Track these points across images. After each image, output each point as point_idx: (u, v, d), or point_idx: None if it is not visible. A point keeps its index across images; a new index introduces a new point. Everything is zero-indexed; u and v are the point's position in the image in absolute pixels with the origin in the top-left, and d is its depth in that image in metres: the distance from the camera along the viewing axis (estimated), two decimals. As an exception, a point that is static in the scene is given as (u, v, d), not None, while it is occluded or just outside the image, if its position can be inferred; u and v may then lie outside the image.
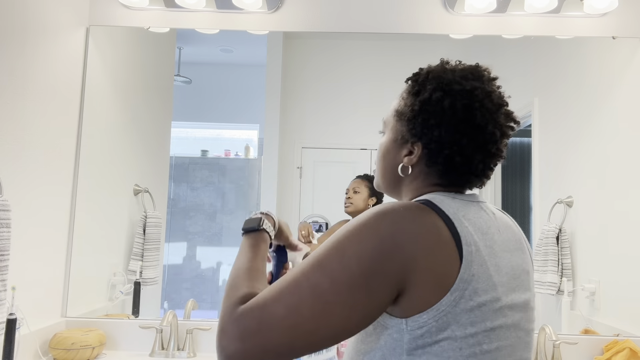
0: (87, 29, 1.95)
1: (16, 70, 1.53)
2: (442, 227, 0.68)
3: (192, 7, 1.94)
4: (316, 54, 1.97)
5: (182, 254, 1.91)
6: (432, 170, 0.80)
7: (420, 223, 0.68)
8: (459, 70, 0.80)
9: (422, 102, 0.79)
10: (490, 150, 0.78)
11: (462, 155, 0.77)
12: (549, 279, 1.81)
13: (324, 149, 1.94)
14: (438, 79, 0.79)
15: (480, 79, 0.79)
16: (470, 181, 0.81)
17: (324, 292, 0.65)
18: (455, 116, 0.76)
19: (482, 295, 0.68)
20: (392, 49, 1.96)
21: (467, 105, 0.76)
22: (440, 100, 0.77)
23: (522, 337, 0.73)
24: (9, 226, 1.31)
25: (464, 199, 0.77)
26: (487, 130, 0.77)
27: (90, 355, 1.66)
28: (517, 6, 1.92)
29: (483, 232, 0.72)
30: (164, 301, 1.90)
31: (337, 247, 0.67)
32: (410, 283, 0.66)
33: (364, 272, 0.65)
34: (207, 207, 1.93)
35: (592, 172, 1.85)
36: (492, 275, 0.69)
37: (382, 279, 0.65)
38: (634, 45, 1.90)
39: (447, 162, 0.78)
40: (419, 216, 0.68)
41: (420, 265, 0.66)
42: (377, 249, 0.65)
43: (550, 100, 1.89)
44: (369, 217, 0.69)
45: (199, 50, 1.98)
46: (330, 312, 0.64)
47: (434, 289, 0.66)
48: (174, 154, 1.94)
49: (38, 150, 1.65)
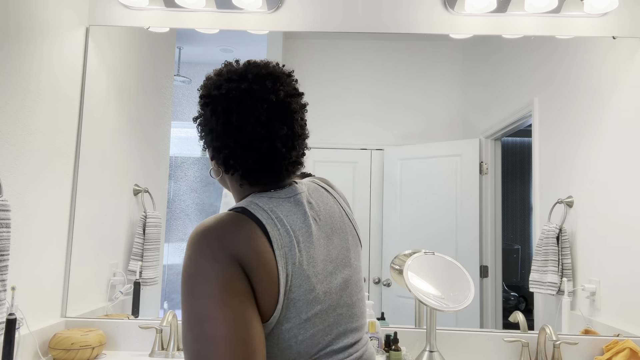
0: (86, 29, 1.95)
1: (16, 70, 1.53)
2: (259, 231, 0.73)
3: (192, 7, 1.94)
4: (316, 54, 1.97)
5: (182, 254, 1.91)
6: (235, 175, 0.84)
7: (241, 232, 0.72)
8: (225, 73, 0.83)
9: (199, 110, 0.85)
10: (261, 147, 0.79)
11: (235, 158, 0.80)
12: (549, 279, 1.81)
13: (324, 149, 1.94)
14: (204, 87, 0.84)
15: (244, 79, 0.81)
16: (271, 178, 0.82)
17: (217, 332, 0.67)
18: (218, 121, 0.80)
19: (296, 291, 0.73)
20: (392, 49, 1.96)
21: (225, 108, 0.79)
22: (204, 108, 0.82)
23: (343, 313, 0.80)
24: (9, 226, 1.31)
25: (280, 196, 0.81)
26: (246, 130, 0.78)
27: (90, 355, 1.66)
28: (517, 6, 1.92)
29: (295, 229, 0.76)
30: (164, 301, 1.90)
31: (187, 292, 0.70)
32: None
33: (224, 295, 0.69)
34: (207, 207, 1.93)
35: (593, 172, 1.85)
36: (306, 269, 0.75)
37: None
38: (634, 45, 1.89)
39: (226, 164, 0.81)
40: (238, 226, 0.73)
41: (255, 274, 0.71)
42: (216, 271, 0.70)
43: (550, 100, 1.89)
44: (193, 250, 0.72)
45: (199, 50, 1.98)
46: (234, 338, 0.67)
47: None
48: (174, 154, 1.94)
49: (38, 150, 1.65)
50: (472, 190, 1.88)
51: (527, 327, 1.82)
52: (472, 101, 1.91)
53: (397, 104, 1.94)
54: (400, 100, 1.94)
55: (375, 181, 1.92)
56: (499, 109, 1.90)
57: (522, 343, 1.70)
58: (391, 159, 1.92)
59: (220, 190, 1.93)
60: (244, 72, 0.82)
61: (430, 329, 1.63)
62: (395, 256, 1.83)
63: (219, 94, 0.80)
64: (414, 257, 1.66)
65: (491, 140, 1.90)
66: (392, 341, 1.64)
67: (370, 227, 1.91)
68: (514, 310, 1.83)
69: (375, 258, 1.89)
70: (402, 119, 1.93)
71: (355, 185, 1.92)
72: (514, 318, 1.83)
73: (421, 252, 1.68)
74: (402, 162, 1.92)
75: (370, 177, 1.92)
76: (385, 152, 1.92)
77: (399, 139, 1.92)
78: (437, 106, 1.92)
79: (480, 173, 1.89)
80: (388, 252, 1.89)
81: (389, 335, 1.66)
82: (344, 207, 0.90)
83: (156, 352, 1.74)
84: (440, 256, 1.69)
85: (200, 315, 0.68)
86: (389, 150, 1.92)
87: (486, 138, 1.90)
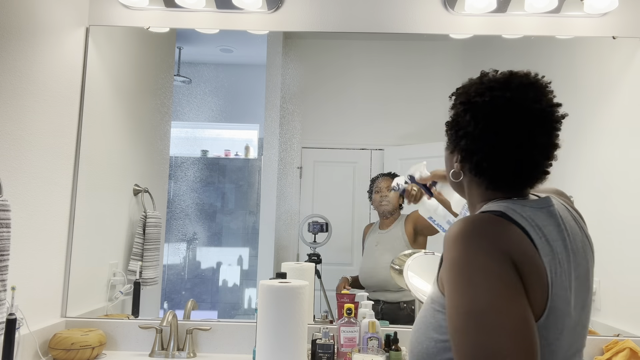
0: (86, 28, 1.95)
1: (16, 70, 1.53)
2: (524, 236, 0.74)
3: (192, 7, 1.94)
4: (316, 54, 1.97)
5: (181, 254, 1.91)
6: (482, 179, 0.87)
7: (510, 234, 0.74)
8: (486, 81, 0.86)
9: (452, 116, 0.90)
10: (518, 154, 0.82)
11: (489, 162, 0.83)
12: (549, 279, 1.81)
13: (324, 149, 1.94)
14: (463, 94, 0.89)
15: (507, 87, 0.84)
16: (519, 185, 0.85)
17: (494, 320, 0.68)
18: (477, 126, 0.83)
19: (556, 300, 0.74)
20: (392, 49, 1.96)
21: (487, 115, 0.83)
22: (463, 113, 0.86)
23: (580, 332, 0.81)
24: (9, 226, 1.31)
25: (533, 205, 0.81)
26: (505, 136, 0.81)
27: (90, 355, 1.66)
28: (517, 6, 1.92)
29: (552, 239, 0.77)
30: (164, 301, 1.90)
31: (464, 286, 0.72)
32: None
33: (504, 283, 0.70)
34: (207, 207, 1.93)
35: (592, 173, 1.85)
36: (563, 281, 0.75)
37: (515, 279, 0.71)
38: (634, 45, 1.89)
39: (478, 167, 0.84)
40: (505, 228, 0.74)
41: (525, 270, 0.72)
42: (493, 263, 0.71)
43: (550, 100, 1.89)
44: (464, 246, 0.73)
45: (199, 50, 1.98)
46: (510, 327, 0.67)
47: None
48: (174, 154, 1.94)
49: (38, 150, 1.65)
50: (472, 190, 1.88)
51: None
52: (472, 101, 1.91)
53: (397, 104, 1.94)
54: (400, 100, 1.94)
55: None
56: (499, 109, 1.90)
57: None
58: (391, 159, 1.92)
59: (220, 190, 1.93)
60: (507, 81, 0.85)
61: (430, 329, 1.62)
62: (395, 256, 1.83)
63: (481, 101, 0.84)
64: (414, 257, 1.66)
65: (491, 140, 1.90)
66: (392, 341, 1.64)
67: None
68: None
69: (375, 258, 1.89)
70: (402, 119, 1.93)
71: (355, 185, 1.92)
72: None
73: (421, 252, 1.68)
74: (402, 162, 1.92)
75: (370, 177, 1.92)
76: (385, 152, 1.92)
77: (399, 139, 1.92)
78: (437, 106, 1.92)
79: (480, 173, 1.89)
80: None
81: (389, 335, 1.66)
82: (582, 226, 0.90)
83: (156, 352, 1.74)
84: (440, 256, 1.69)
85: (481, 309, 0.68)
86: (389, 150, 1.92)
87: (486, 138, 1.90)
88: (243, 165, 1.95)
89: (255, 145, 1.96)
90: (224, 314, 1.88)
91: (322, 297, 1.87)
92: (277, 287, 1.45)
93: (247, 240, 1.91)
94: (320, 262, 1.89)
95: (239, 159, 1.96)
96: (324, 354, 1.58)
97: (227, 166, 1.95)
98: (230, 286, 1.90)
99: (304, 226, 1.91)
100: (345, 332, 1.63)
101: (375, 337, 1.61)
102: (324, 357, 1.58)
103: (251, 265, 1.91)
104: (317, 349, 1.59)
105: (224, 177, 1.94)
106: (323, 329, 1.64)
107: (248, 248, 1.91)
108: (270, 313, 1.44)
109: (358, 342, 1.63)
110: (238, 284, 1.90)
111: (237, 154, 1.96)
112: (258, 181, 1.94)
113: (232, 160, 1.96)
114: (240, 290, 1.90)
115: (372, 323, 1.62)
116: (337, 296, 1.77)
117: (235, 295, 1.90)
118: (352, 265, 1.90)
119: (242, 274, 1.91)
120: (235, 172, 1.95)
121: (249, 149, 1.96)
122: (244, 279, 1.91)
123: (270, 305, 1.44)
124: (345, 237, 1.91)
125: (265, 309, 1.45)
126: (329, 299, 1.87)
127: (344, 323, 1.64)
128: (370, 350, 1.55)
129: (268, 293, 1.45)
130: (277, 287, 1.45)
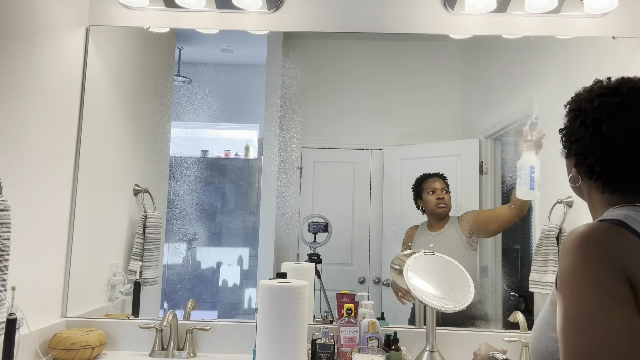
0: (87, 29, 1.95)
1: (16, 70, 1.53)
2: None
3: (192, 7, 1.94)
4: (316, 54, 1.97)
5: (181, 254, 1.91)
6: (598, 183, 0.89)
7: (626, 244, 0.75)
8: (596, 88, 0.91)
9: (566, 123, 0.95)
10: (630, 157, 0.83)
11: (601, 165, 0.85)
12: (549, 278, 1.81)
13: (324, 149, 1.94)
14: (574, 102, 0.94)
15: (617, 93, 0.87)
16: (634, 187, 0.87)
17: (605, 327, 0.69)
18: (586, 132, 0.87)
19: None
20: (392, 49, 1.96)
21: (595, 120, 0.87)
22: (573, 120, 0.91)
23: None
24: (9, 226, 1.31)
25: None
26: (616, 140, 0.83)
27: (90, 355, 1.66)
28: (517, 6, 1.92)
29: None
30: (164, 301, 1.90)
31: (571, 292, 0.74)
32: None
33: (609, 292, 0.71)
34: (207, 207, 1.93)
35: (592, 172, 1.85)
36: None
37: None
38: (634, 45, 1.89)
39: (591, 171, 0.87)
40: (621, 238, 0.75)
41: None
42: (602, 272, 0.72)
43: (550, 100, 1.89)
44: (577, 254, 0.75)
45: (199, 50, 1.98)
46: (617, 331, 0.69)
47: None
48: (174, 154, 1.94)
49: (38, 150, 1.65)
50: (472, 190, 1.88)
51: (527, 327, 1.82)
52: (472, 101, 1.92)
53: (397, 103, 1.94)
54: (400, 100, 1.94)
55: (375, 181, 1.92)
56: (499, 109, 1.90)
57: (522, 343, 1.70)
58: (391, 159, 1.92)
59: (220, 190, 1.93)
60: (618, 87, 0.89)
61: (430, 329, 1.63)
62: (395, 256, 1.83)
63: (589, 107, 0.89)
64: (414, 257, 1.66)
65: (491, 140, 1.90)
66: (392, 341, 1.64)
67: (370, 227, 1.91)
68: (514, 310, 1.83)
69: (375, 258, 1.89)
70: (402, 119, 1.93)
71: (355, 185, 1.92)
72: (513, 318, 1.83)
73: (421, 252, 1.69)
74: (402, 162, 1.92)
75: (370, 177, 1.92)
76: (385, 152, 1.92)
77: (399, 139, 1.92)
78: (437, 106, 1.92)
79: (480, 173, 1.89)
80: (388, 252, 1.89)
81: (389, 335, 1.66)
82: None
83: (156, 352, 1.74)
84: (440, 256, 1.69)
85: (583, 316, 0.70)
86: (389, 150, 1.92)
87: (486, 138, 1.90)
88: (243, 165, 1.95)
89: (255, 145, 1.96)
90: (224, 314, 1.88)
91: (322, 297, 1.88)
92: (277, 287, 1.45)
93: (247, 240, 1.91)
94: (320, 262, 1.89)
95: (239, 159, 1.96)
96: (324, 353, 1.58)
97: (227, 166, 1.95)
98: (230, 286, 1.90)
99: (304, 226, 1.91)
100: (345, 332, 1.63)
101: (375, 337, 1.61)
102: (324, 357, 1.58)
103: (251, 265, 1.91)
104: (317, 349, 1.59)
105: (224, 177, 1.94)
106: (323, 329, 1.64)
107: (248, 248, 1.91)
108: (270, 313, 1.44)
109: (358, 342, 1.64)
110: (238, 284, 1.90)
111: (237, 154, 1.96)
112: (258, 181, 1.94)
113: (232, 160, 1.96)
114: (240, 290, 1.90)
115: (372, 323, 1.63)
116: (337, 296, 1.77)
117: (235, 295, 1.90)
118: (352, 265, 1.90)
119: (242, 274, 1.91)
120: (235, 172, 1.95)
121: (249, 149, 1.96)
122: (244, 279, 1.91)
123: (270, 305, 1.44)
124: (346, 237, 1.91)
125: (265, 309, 1.45)
126: (329, 299, 1.87)
127: (344, 323, 1.64)
128: (370, 350, 1.55)
129: (268, 293, 1.45)
130: (277, 287, 1.45)
